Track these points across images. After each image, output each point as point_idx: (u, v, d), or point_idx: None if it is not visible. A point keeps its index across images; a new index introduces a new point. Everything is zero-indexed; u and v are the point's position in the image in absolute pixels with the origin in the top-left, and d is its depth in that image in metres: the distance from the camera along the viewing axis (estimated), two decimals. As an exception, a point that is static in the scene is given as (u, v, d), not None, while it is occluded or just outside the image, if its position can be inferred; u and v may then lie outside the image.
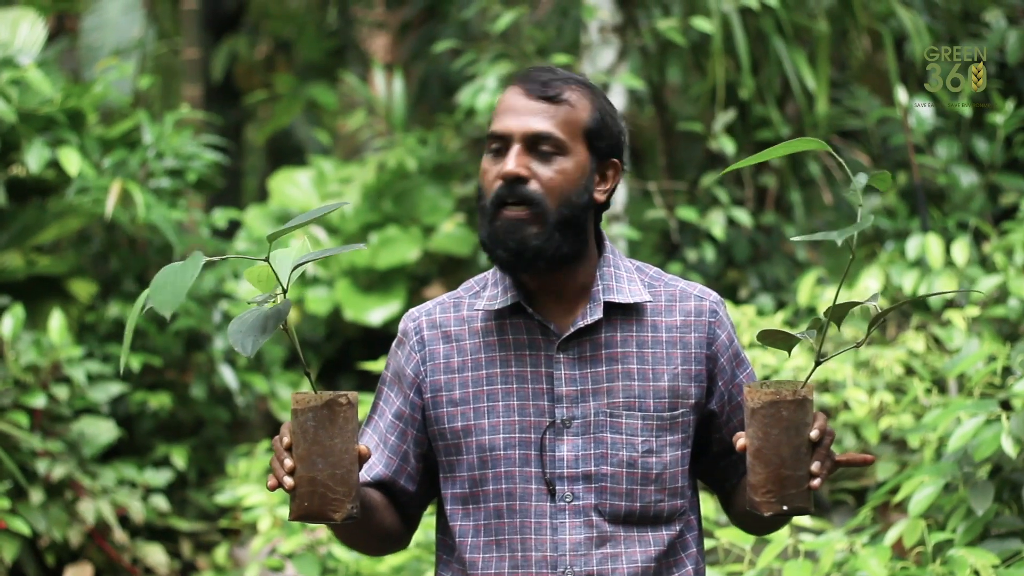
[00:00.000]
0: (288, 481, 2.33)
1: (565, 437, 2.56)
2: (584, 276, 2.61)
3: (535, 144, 2.53)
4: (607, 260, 2.64)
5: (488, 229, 2.54)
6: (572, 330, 2.57)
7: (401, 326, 2.69)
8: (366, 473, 2.65)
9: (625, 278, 2.63)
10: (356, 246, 2.35)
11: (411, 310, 2.71)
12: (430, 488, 2.71)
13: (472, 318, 2.64)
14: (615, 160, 2.62)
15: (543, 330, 2.59)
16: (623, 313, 2.60)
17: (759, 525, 2.72)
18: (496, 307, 2.60)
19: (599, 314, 2.57)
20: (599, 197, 2.59)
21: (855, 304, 2.32)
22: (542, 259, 2.53)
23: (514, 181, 2.51)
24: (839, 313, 2.33)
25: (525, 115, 2.54)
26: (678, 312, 2.62)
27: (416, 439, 2.66)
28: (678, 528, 2.61)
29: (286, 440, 2.35)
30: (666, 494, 2.58)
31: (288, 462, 2.33)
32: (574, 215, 2.54)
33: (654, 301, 2.62)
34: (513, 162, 2.51)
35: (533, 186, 2.51)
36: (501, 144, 2.55)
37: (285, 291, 2.32)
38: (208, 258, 2.23)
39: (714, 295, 2.67)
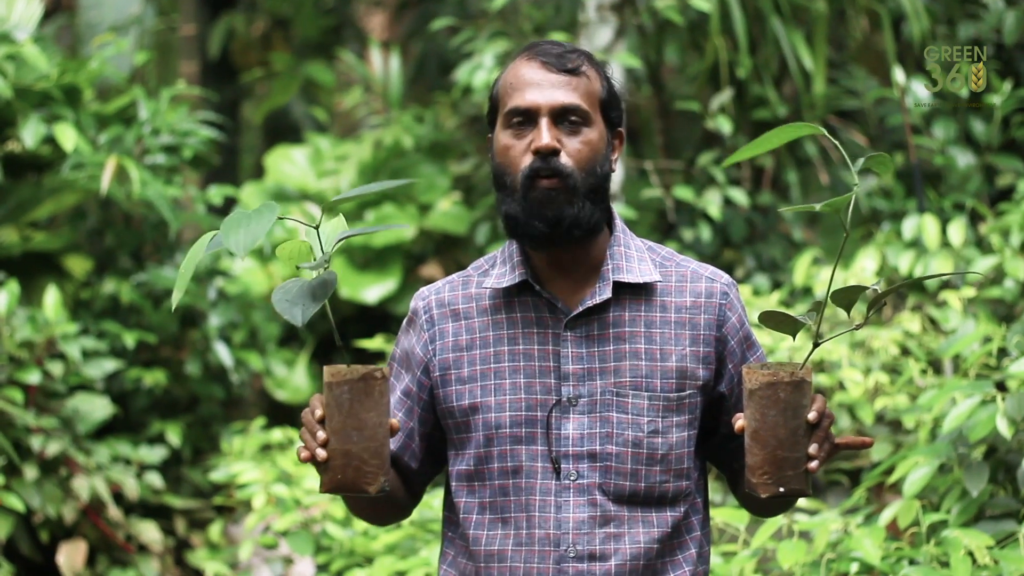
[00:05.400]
0: (321, 453, 2.33)
1: (571, 415, 2.55)
2: (595, 254, 2.61)
3: (562, 116, 2.53)
4: (618, 239, 2.63)
5: (522, 204, 2.53)
6: (580, 308, 2.56)
7: (411, 305, 2.69)
8: None
9: (635, 257, 2.62)
10: (399, 226, 2.36)
11: (421, 289, 2.71)
12: (432, 467, 2.72)
13: (480, 296, 2.63)
14: (620, 129, 2.63)
15: (551, 308, 2.58)
16: (632, 293, 2.60)
17: (763, 507, 2.70)
18: (504, 284, 2.60)
19: (608, 293, 2.57)
20: (611, 166, 2.61)
21: (862, 289, 2.30)
22: (578, 228, 2.53)
23: (548, 154, 2.50)
24: (846, 297, 2.31)
25: (549, 88, 2.53)
26: (688, 293, 2.61)
27: (421, 418, 2.66)
28: (683, 510, 2.61)
29: (318, 413, 2.35)
30: (671, 475, 2.57)
31: (321, 434, 2.33)
32: (600, 184, 2.55)
33: (664, 281, 2.61)
34: (547, 135, 2.50)
35: (564, 158, 2.51)
36: (524, 118, 2.53)
37: (328, 261, 2.31)
38: (279, 211, 2.26)
39: (726, 277, 2.66)
